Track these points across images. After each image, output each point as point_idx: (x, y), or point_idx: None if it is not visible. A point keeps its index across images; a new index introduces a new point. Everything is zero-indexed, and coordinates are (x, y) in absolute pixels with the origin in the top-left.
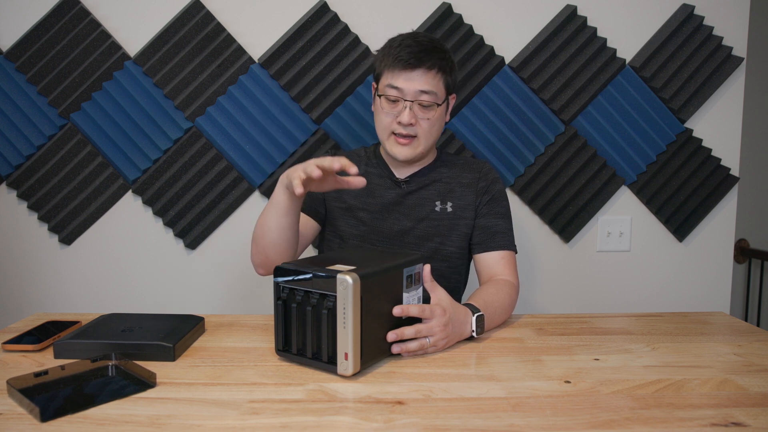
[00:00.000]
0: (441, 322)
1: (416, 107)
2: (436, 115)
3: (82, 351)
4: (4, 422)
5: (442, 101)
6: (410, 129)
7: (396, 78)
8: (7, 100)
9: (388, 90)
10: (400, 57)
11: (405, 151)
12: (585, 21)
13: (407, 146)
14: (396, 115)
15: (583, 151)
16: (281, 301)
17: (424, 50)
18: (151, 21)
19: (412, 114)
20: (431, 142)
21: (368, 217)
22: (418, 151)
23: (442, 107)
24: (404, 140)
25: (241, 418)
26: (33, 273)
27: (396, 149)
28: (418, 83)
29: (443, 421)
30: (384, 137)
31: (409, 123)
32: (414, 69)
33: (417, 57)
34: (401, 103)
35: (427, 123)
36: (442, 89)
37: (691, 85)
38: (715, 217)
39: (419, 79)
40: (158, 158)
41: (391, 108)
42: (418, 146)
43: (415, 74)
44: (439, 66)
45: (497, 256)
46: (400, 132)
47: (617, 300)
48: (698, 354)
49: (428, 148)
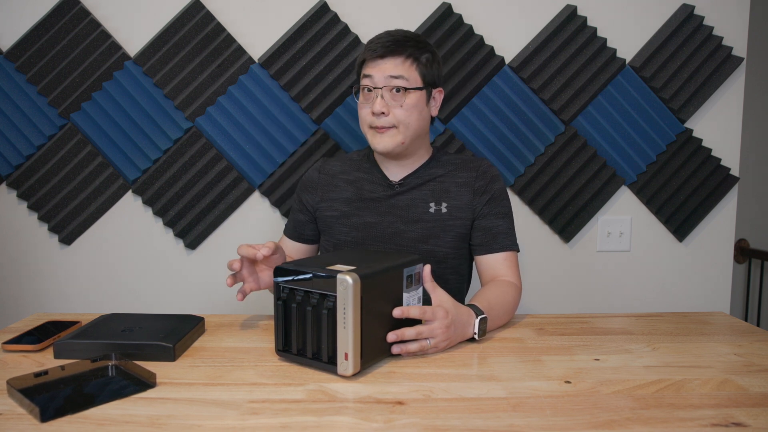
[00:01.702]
0: (443, 324)
1: (387, 95)
2: (410, 103)
3: (82, 351)
4: (4, 422)
5: (414, 87)
6: (384, 120)
7: (368, 67)
8: (7, 100)
9: (362, 81)
10: (371, 48)
11: (384, 140)
12: (585, 21)
13: (385, 135)
14: (371, 106)
15: (583, 151)
16: (281, 301)
17: (394, 41)
18: (151, 21)
19: (383, 102)
20: (412, 132)
21: (361, 222)
22: (397, 141)
23: (417, 95)
24: (381, 130)
25: (241, 418)
26: (33, 273)
27: (375, 140)
28: (386, 69)
29: (443, 421)
30: (365, 132)
31: (381, 111)
32: (384, 57)
33: (386, 46)
34: (374, 92)
35: (401, 111)
36: (416, 77)
37: (691, 85)
38: (715, 217)
39: (388, 65)
40: (158, 158)
41: (365, 100)
42: (396, 135)
43: (384, 61)
44: (409, 53)
45: (500, 257)
46: (375, 123)
47: (617, 300)
48: (698, 354)
49: (409, 139)
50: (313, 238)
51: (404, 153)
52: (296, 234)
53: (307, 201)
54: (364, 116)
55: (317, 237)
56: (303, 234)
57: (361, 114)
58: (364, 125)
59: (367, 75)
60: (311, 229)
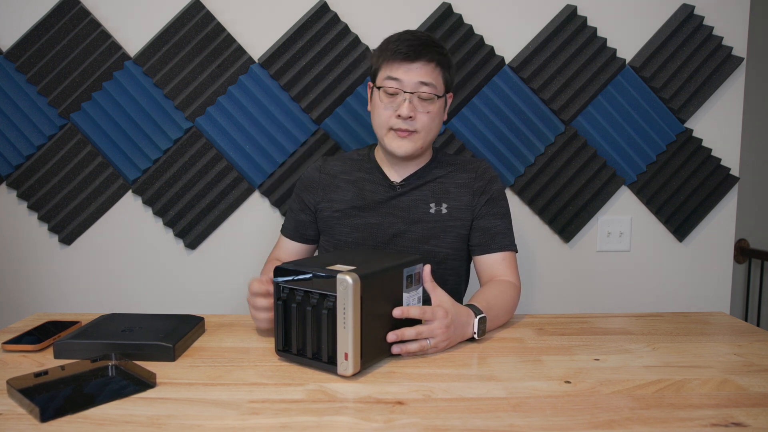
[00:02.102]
0: (443, 324)
1: (415, 100)
2: (436, 110)
3: (82, 351)
4: (4, 422)
5: (441, 95)
6: (410, 123)
7: (395, 70)
8: (7, 100)
9: (387, 82)
10: (400, 50)
11: (405, 145)
12: (585, 21)
13: (406, 139)
14: (395, 108)
15: (583, 151)
16: (281, 301)
17: (422, 44)
18: (151, 21)
19: (412, 106)
20: (430, 138)
21: (362, 222)
22: (417, 146)
23: (440, 102)
24: (404, 133)
25: (241, 418)
26: (33, 273)
27: (395, 143)
28: (417, 74)
29: (443, 421)
30: (382, 133)
31: (409, 116)
32: (413, 61)
33: (416, 50)
34: (400, 95)
35: (427, 117)
36: (441, 83)
37: (691, 85)
38: (715, 217)
39: (418, 70)
40: (158, 158)
41: (389, 101)
42: (417, 140)
43: (415, 66)
44: (437, 60)
45: (498, 257)
46: (400, 126)
47: (617, 300)
48: (698, 354)
49: (427, 145)
50: (314, 238)
51: (414, 156)
52: (298, 234)
53: (309, 200)
54: (385, 117)
55: (318, 237)
56: (305, 234)
57: (382, 114)
58: (383, 126)
59: (394, 78)
60: (313, 229)
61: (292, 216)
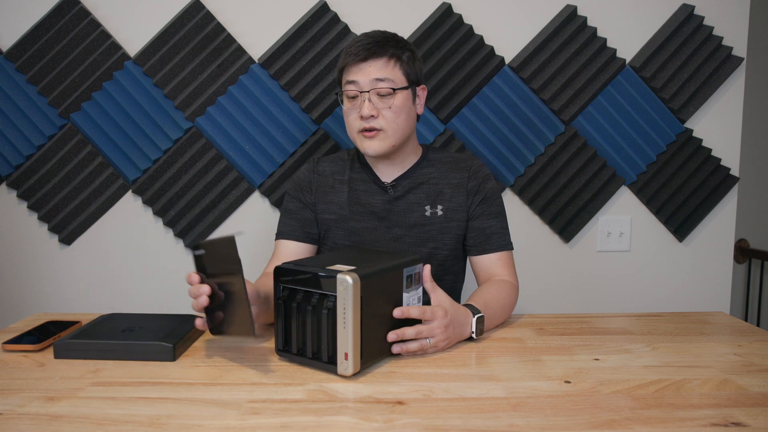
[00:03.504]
0: (442, 324)
1: (374, 98)
2: (399, 104)
3: (82, 351)
4: (4, 422)
5: (400, 87)
6: (373, 122)
7: (352, 73)
8: (7, 100)
9: (347, 86)
10: (352, 52)
11: (373, 144)
12: (585, 21)
13: (374, 139)
14: (358, 110)
15: (583, 151)
16: (281, 301)
17: (374, 42)
18: (151, 21)
19: (372, 105)
20: (401, 133)
21: (359, 226)
22: (387, 144)
23: (403, 95)
24: (369, 133)
25: (241, 418)
26: (33, 273)
27: (365, 144)
28: (371, 72)
29: (443, 421)
30: (354, 137)
31: (370, 115)
32: (365, 60)
33: (367, 48)
34: (360, 96)
35: (390, 112)
36: (401, 77)
37: (691, 85)
38: (715, 217)
39: (371, 68)
40: (158, 158)
41: (352, 105)
42: (385, 138)
43: (367, 64)
44: (391, 53)
45: (494, 257)
46: (364, 126)
47: (617, 300)
48: (698, 354)
49: (399, 140)
50: (317, 238)
51: (394, 154)
52: (304, 234)
53: (307, 200)
54: (352, 122)
55: (319, 236)
56: (311, 233)
57: (349, 120)
58: (353, 131)
59: (351, 81)
60: (317, 228)
61: (293, 217)
